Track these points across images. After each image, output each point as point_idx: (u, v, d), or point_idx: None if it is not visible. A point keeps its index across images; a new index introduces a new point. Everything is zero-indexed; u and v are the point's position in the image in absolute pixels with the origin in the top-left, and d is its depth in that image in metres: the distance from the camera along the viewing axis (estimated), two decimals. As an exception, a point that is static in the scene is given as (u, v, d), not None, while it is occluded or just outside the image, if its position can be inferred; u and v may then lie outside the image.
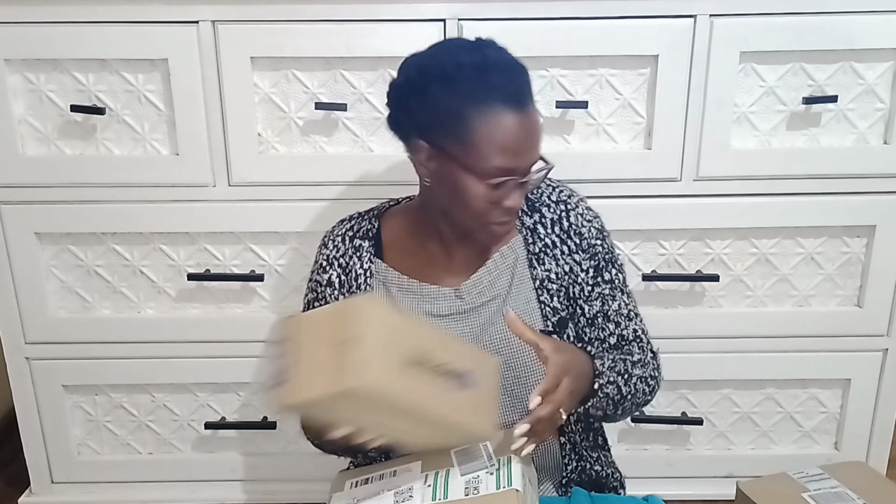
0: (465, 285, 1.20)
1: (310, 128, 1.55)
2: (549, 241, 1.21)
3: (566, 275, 1.21)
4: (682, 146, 1.54)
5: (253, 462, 1.78)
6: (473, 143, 1.05)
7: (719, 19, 1.47)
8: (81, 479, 1.79)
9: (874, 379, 1.69)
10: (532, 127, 1.07)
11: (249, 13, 1.46)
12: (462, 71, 1.05)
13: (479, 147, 1.04)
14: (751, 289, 1.65)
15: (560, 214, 1.22)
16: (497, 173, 1.06)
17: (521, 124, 1.05)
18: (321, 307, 1.02)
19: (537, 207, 1.23)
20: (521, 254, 1.22)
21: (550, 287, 1.20)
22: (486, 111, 1.04)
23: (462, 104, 1.04)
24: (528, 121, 1.06)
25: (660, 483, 1.74)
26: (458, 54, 1.07)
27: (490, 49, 1.08)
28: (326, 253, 1.24)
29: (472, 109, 1.04)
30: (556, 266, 1.21)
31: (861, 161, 1.55)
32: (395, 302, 1.20)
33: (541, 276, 1.20)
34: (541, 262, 1.21)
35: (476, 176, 1.06)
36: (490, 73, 1.05)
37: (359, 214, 1.27)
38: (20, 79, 1.52)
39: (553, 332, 1.19)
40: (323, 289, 1.23)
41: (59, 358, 1.69)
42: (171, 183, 1.57)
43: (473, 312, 1.20)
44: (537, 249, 1.21)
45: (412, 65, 1.12)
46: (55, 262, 1.64)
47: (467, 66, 1.05)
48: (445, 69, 1.06)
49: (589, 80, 1.51)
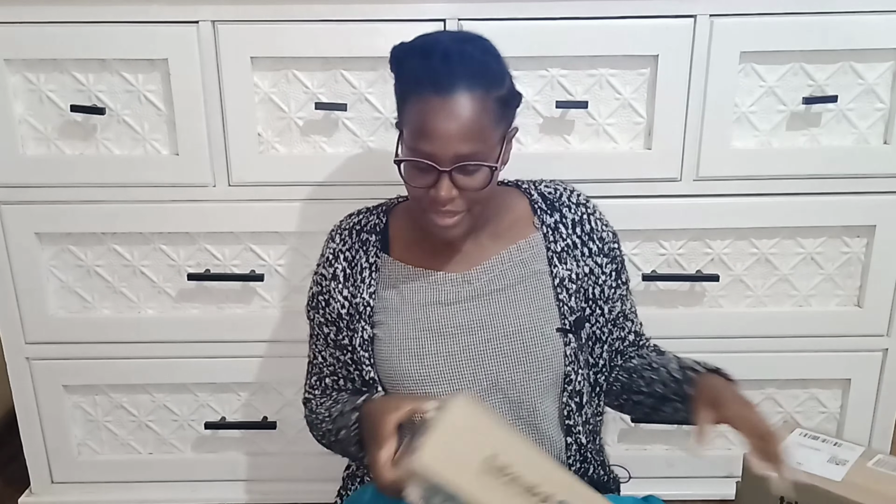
0: (475, 269, 1.20)
1: (310, 128, 1.55)
2: (570, 241, 1.23)
3: (586, 276, 1.23)
4: (682, 146, 1.54)
5: (253, 462, 1.78)
6: (407, 125, 1.09)
7: (719, 19, 1.47)
8: (81, 479, 1.79)
9: (874, 379, 1.69)
10: (456, 116, 1.04)
11: (249, 13, 1.46)
12: (408, 55, 1.10)
13: (409, 129, 1.09)
14: (751, 289, 1.65)
15: (582, 217, 1.24)
16: (416, 156, 1.08)
17: (443, 110, 1.04)
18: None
19: (557, 207, 1.24)
20: (540, 251, 1.22)
21: (570, 287, 1.21)
22: (417, 94, 1.07)
23: (405, 86, 1.10)
24: (453, 109, 1.04)
25: (660, 483, 1.74)
26: (418, 40, 1.12)
27: (455, 40, 1.11)
28: (333, 246, 1.25)
29: (409, 92, 1.09)
30: (577, 267, 1.22)
31: (861, 161, 1.55)
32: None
33: (561, 274, 1.21)
34: (562, 261, 1.22)
35: (403, 157, 1.10)
36: (431, 60, 1.07)
37: (367, 209, 1.28)
38: (20, 79, 1.52)
39: (570, 332, 1.20)
40: (328, 282, 1.23)
41: (59, 358, 1.69)
42: (171, 183, 1.57)
43: (481, 300, 1.19)
44: (559, 248, 1.22)
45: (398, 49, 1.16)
46: (55, 262, 1.64)
47: (415, 51, 1.10)
48: (397, 53, 1.12)
49: (589, 80, 1.51)
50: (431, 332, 1.18)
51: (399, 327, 1.19)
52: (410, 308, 1.20)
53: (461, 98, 1.05)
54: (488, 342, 1.18)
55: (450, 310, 1.19)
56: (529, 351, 1.17)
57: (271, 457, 1.78)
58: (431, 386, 1.17)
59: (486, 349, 1.18)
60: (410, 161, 1.09)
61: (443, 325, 1.19)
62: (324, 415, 1.25)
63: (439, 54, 1.06)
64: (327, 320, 1.24)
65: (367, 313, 1.21)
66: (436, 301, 1.20)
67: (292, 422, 1.74)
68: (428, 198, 1.10)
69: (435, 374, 1.17)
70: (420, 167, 1.08)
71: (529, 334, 1.18)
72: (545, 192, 1.26)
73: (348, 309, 1.22)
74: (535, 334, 1.18)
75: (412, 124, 1.07)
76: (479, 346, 1.18)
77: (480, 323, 1.19)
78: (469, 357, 1.18)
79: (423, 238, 1.21)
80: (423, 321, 1.19)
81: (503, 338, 1.18)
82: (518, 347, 1.17)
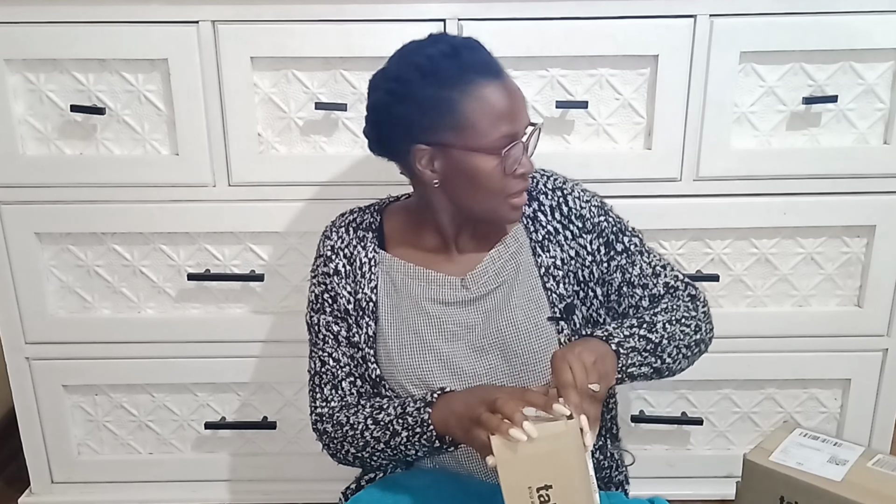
0: (470, 275, 1.21)
1: (310, 128, 1.55)
2: (550, 228, 1.23)
3: (572, 259, 1.23)
4: (682, 146, 1.54)
5: (253, 462, 1.78)
6: (471, 124, 1.08)
7: (719, 19, 1.47)
8: (81, 479, 1.79)
9: (874, 379, 1.69)
10: (515, 90, 1.12)
11: (249, 13, 1.46)
12: (435, 61, 1.09)
13: (478, 125, 1.08)
14: (751, 289, 1.65)
15: (558, 201, 1.24)
16: (503, 143, 1.09)
17: (506, 90, 1.10)
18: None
19: (535, 196, 1.24)
20: (524, 242, 1.23)
21: (556, 273, 1.22)
22: (471, 89, 1.08)
23: (449, 91, 1.08)
24: (510, 85, 1.11)
25: (660, 483, 1.74)
26: (422, 50, 1.11)
27: (445, 37, 1.15)
28: (330, 244, 1.24)
29: (458, 93, 1.08)
30: (562, 252, 1.22)
31: (861, 161, 1.55)
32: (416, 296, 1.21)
33: (546, 263, 1.22)
34: (545, 249, 1.22)
35: (485, 153, 1.09)
36: (461, 54, 1.09)
37: (359, 209, 1.29)
38: (20, 79, 1.52)
39: (560, 319, 1.20)
40: (330, 279, 1.23)
41: (59, 358, 1.69)
42: (171, 183, 1.57)
43: (479, 301, 1.21)
44: (540, 237, 1.23)
45: (382, 80, 1.15)
46: (55, 262, 1.64)
47: (438, 56, 1.09)
48: (420, 66, 1.09)
49: (589, 80, 1.51)
50: (432, 327, 1.19)
51: (399, 323, 1.20)
52: (409, 304, 1.21)
53: (506, 75, 1.12)
54: (485, 338, 1.19)
55: (449, 309, 1.20)
56: (524, 343, 1.18)
57: (271, 457, 1.78)
58: (432, 382, 1.17)
59: (483, 345, 1.19)
60: (506, 149, 1.09)
61: (443, 321, 1.20)
62: (358, 424, 1.16)
63: (461, 48, 1.10)
64: (336, 318, 1.23)
65: (370, 309, 1.21)
66: (435, 300, 1.20)
67: (292, 422, 1.74)
68: (514, 178, 1.12)
69: (437, 369, 1.18)
70: (503, 150, 1.09)
71: (524, 326, 1.18)
72: None
73: (353, 305, 1.22)
74: (529, 326, 1.19)
75: (482, 116, 1.08)
76: (478, 342, 1.19)
77: (478, 321, 1.20)
78: (468, 353, 1.19)
79: (421, 240, 1.23)
80: (424, 317, 1.20)
81: (499, 333, 1.19)
82: (513, 341, 1.18)
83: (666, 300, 1.23)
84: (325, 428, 1.20)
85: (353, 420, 1.17)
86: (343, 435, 1.17)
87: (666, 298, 1.24)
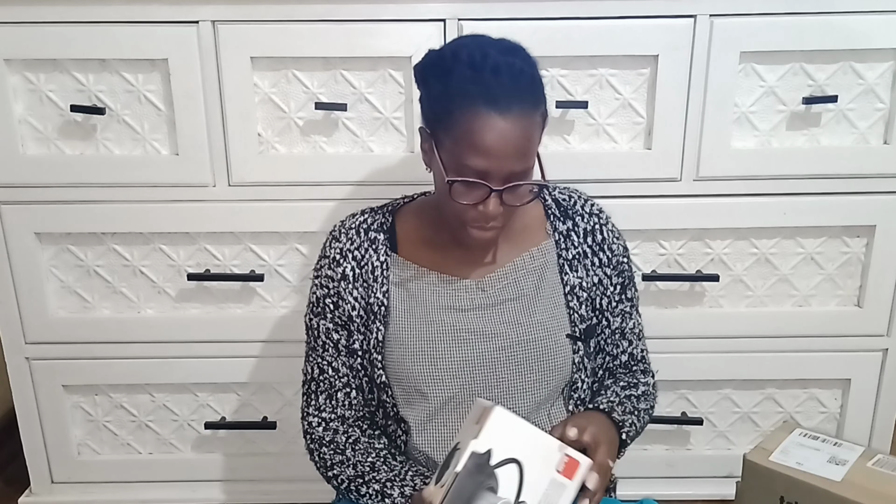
0: (488, 277, 1.19)
1: (310, 128, 1.55)
2: (581, 250, 1.22)
3: (594, 286, 1.22)
4: (682, 146, 1.54)
5: (253, 462, 1.78)
6: (453, 138, 1.05)
7: (719, 19, 1.47)
8: (81, 479, 1.79)
9: (874, 379, 1.69)
10: (512, 134, 1.03)
11: (249, 13, 1.46)
12: (458, 65, 1.05)
13: (456, 142, 1.05)
14: (751, 289, 1.65)
15: (594, 226, 1.23)
16: (467, 172, 1.04)
17: (497, 129, 1.02)
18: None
19: (570, 215, 1.23)
20: (552, 259, 1.22)
21: (581, 295, 1.21)
22: (469, 108, 1.03)
23: (451, 97, 1.05)
24: (510, 127, 1.03)
25: (659, 483, 1.74)
26: (465, 49, 1.07)
27: (502, 52, 1.07)
28: (339, 246, 1.21)
29: (457, 104, 1.04)
30: (587, 276, 1.22)
31: (861, 161, 1.55)
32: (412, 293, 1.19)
33: (572, 282, 1.21)
34: (573, 269, 1.21)
35: (449, 171, 1.06)
36: (483, 73, 1.04)
37: (371, 210, 1.25)
38: (20, 79, 1.52)
39: (580, 339, 1.20)
40: (336, 283, 1.19)
41: (59, 358, 1.69)
42: (171, 183, 1.57)
43: (495, 308, 1.18)
44: (570, 256, 1.21)
45: (435, 50, 1.12)
46: (55, 262, 1.64)
47: (464, 62, 1.05)
48: (446, 61, 1.07)
49: (589, 80, 1.51)
50: (445, 335, 1.17)
51: (412, 329, 1.17)
52: (423, 309, 1.18)
53: (515, 116, 1.03)
54: (502, 350, 1.17)
55: (464, 315, 1.18)
56: (542, 359, 1.17)
57: (271, 457, 1.78)
58: (443, 390, 1.16)
59: (499, 357, 1.16)
60: (453, 181, 1.05)
61: (457, 329, 1.17)
62: (347, 458, 1.18)
63: (489, 68, 1.03)
64: (337, 324, 1.19)
65: (381, 313, 1.18)
66: (450, 305, 1.18)
67: (292, 422, 1.74)
68: (473, 213, 1.07)
69: (447, 378, 1.16)
70: (468, 183, 1.05)
71: (543, 342, 1.17)
72: (559, 198, 1.24)
73: (360, 310, 1.19)
74: (549, 342, 1.17)
75: (463, 138, 1.04)
76: (493, 353, 1.16)
77: (495, 331, 1.17)
78: (482, 364, 1.16)
79: (434, 240, 1.20)
80: (438, 324, 1.17)
81: (517, 346, 1.17)
82: (531, 356, 1.17)
83: (641, 377, 1.27)
84: (312, 443, 1.21)
85: (340, 447, 1.19)
86: (329, 456, 1.19)
87: (640, 366, 1.28)
